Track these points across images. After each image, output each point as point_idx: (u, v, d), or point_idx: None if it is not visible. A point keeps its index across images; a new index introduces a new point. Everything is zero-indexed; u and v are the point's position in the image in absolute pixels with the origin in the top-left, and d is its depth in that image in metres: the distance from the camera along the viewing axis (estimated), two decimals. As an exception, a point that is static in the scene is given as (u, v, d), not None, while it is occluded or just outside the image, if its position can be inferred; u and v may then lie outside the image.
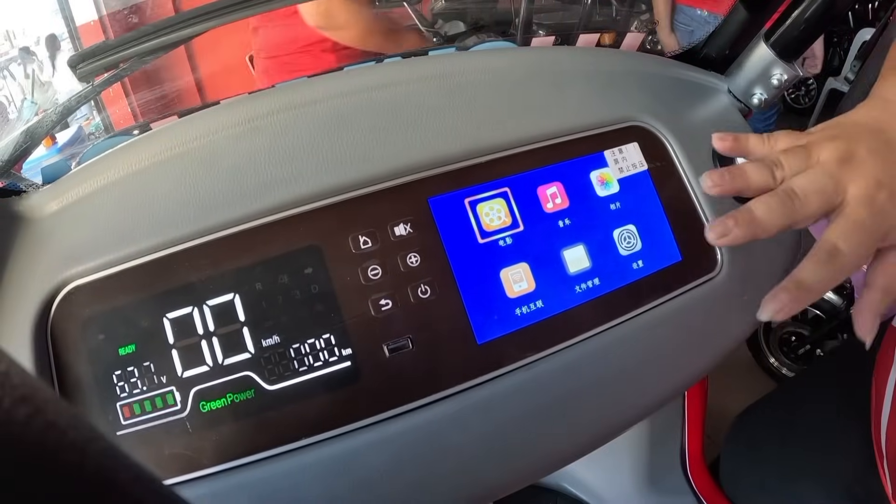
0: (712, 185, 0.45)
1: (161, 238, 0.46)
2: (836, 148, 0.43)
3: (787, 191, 0.42)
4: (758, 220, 0.42)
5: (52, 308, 0.45)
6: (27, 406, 0.15)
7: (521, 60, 0.58)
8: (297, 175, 0.48)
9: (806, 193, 0.42)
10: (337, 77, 0.54)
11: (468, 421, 0.47)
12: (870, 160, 0.42)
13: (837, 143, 0.43)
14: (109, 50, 0.64)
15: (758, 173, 0.44)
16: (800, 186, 0.42)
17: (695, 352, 0.55)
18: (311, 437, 0.45)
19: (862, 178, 0.42)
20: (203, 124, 0.50)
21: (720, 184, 0.45)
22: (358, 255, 0.47)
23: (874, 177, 0.41)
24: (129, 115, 0.87)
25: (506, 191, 0.51)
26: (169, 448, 0.44)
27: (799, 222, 0.42)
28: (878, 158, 0.42)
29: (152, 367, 0.45)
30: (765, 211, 0.42)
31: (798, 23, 0.57)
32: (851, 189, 0.42)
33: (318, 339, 0.46)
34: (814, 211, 0.42)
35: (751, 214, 0.42)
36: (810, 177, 0.42)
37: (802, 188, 0.42)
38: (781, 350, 1.85)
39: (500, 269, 0.50)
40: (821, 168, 0.43)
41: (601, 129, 0.55)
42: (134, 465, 0.19)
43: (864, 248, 0.41)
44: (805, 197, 0.42)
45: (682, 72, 0.63)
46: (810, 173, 0.42)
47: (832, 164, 0.43)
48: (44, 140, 0.62)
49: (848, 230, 0.41)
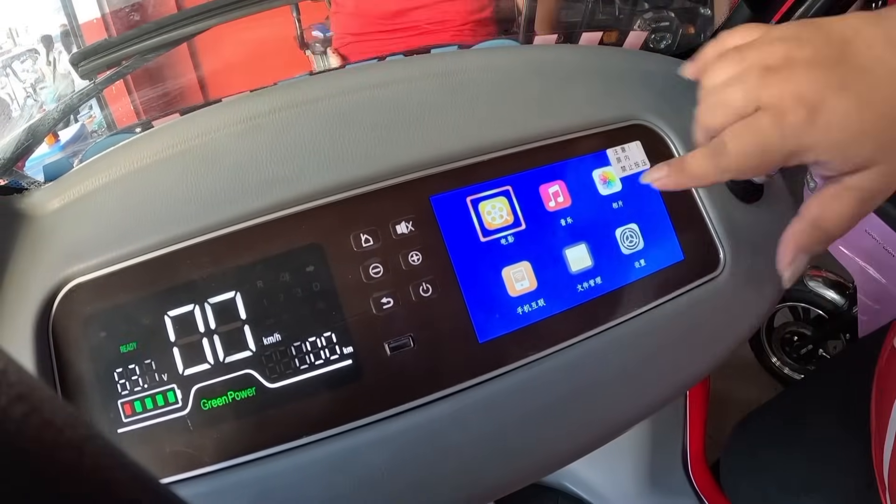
0: (654, 181, 0.44)
1: (162, 236, 0.46)
2: (772, 53, 0.39)
3: (718, 144, 0.40)
4: (689, 170, 0.42)
5: (53, 305, 0.45)
6: (24, 404, 0.15)
7: (524, 58, 0.57)
8: (299, 173, 0.48)
9: (737, 143, 0.39)
10: (339, 74, 0.54)
11: (469, 420, 0.47)
12: (802, 70, 0.38)
13: (777, 46, 0.39)
14: (111, 47, 0.64)
15: (700, 164, 0.42)
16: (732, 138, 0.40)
17: (697, 351, 0.55)
18: (311, 436, 0.45)
19: (781, 88, 0.38)
20: (205, 122, 0.50)
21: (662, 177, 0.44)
22: (359, 253, 0.47)
23: (796, 91, 0.37)
24: (131, 112, 0.87)
25: (508, 189, 0.51)
26: (170, 446, 0.44)
27: (739, 175, 0.41)
28: (815, 71, 0.37)
29: (153, 364, 0.45)
30: (698, 162, 0.41)
31: (802, 21, 0.56)
32: (764, 96, 0.38)
33: (319, 337, 0.46)
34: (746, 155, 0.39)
35: (683, 163, 0.42)
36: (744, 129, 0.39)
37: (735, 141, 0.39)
38: (783, 350, 1.84)
39: (502, 268, 0.50)
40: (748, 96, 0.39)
41: (604, 128, 0.55)
42: (131, 464, 0.19)
43: (754, 158, 0.39)
44: (736, 146, 0.39)
45: (686, 70, 0.63)
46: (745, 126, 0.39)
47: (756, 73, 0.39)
48: (46, 138, 0.62)
49: (741, 133, 0.39)
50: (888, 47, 0.37)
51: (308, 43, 1.93)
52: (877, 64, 0.37)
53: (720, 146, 0.40)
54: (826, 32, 0.39)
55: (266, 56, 1.33)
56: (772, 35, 0.40)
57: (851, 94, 0.36)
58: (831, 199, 0.40)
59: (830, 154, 0.37)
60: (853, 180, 0.39)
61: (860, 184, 0.38)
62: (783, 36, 0.39)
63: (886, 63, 0.37)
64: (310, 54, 1.93)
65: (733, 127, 0.40)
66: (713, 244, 0.55)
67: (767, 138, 0.38)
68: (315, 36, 1.99)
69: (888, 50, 0.37)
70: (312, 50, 1.91)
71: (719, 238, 0.54)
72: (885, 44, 0.37)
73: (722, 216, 0.55)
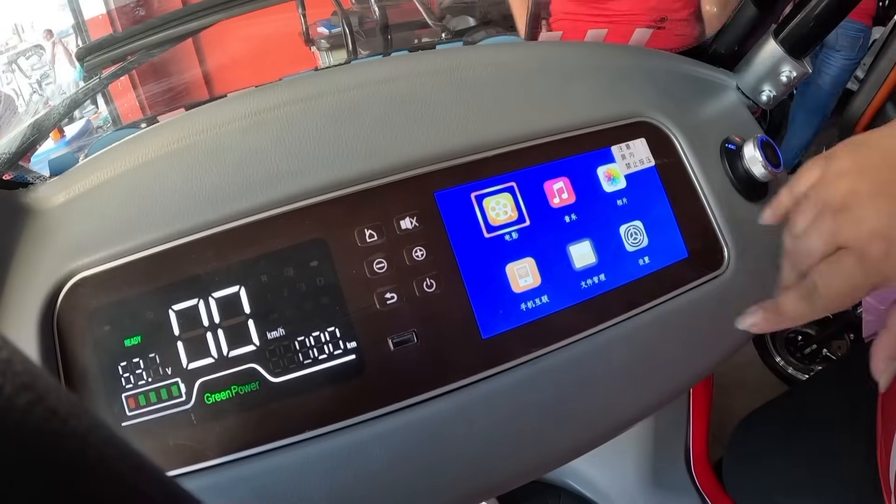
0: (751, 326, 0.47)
1: (167, 230, 0.46)
2: (838, 192, 0.42)
3: (810, 287, 0.43)
4: (786, 313, 0.44)
5: (58, 299, 0.45)
6: (29, 393, 0.15)
7: (529, 55, 0.57)
8: (304, 168, 0.48)
9: (827, 285, 0.42)
10: (344, 70, 0.54)
11: (472, 416, 0.47)
12: (868, 205, 0.40)
13: (841, 183, 0.42)
14: (117, 43, 0.65)
15: (795, 307, 0.44)
16: (822, 280, 0.42)
17: (700, 349, 0.54)
18: (314, 430, 0.45)
19: (856, 228, 0.40)
20: (210, 117, 0.50)
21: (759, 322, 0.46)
22: (364, 248, 0.47)
23: (871, 228, 0.40)
24: (136, 108, 0.87)
25: (512, 185, 0.51)
26: (173, 439, 0.44)
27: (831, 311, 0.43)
28: (880, 202, 0.40)
29: (157, 358, 0.45)
30: (794, 305, 0.44)
31: (808, 20, 0.56)
32: (841, 239, 0.41)
33: (322, 331, 0.46)
34: (837, 295, 0.42)
35: (779, 307, 0.45)
36: (831, 272, 0.42)
37: (824, 283, 0.42)
38: (787, 349, 1.84)
39: (506, 264, 0.50)
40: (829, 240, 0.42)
41: (609, 125, 0.55)
42: (135, 454, 0.19)
43: (845, 296, 0.41)
44: (826, 289, 0.42)
45: (691, 68, 0.63)
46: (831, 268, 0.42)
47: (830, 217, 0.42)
48: (52, 133, 0.63)
49: (831, 276, 0.41)
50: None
51: (313, 39, 1.93)
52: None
53: (812, 289, 0.42)
54: (880, 154, 0.41)
55: (271, 52, 1.33)
56: (832, 171, 0.43)
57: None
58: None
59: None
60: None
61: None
62: (842, 171, 0.42)
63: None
64: (315, 50, 1.93)
65: (819, 268, 0.42)
66: (717, 242, 0.55)
67: (853, 278, 0.40)
68: (321, 32, 1.99)
69: None
70: (318, 46, 1.91)
71: (723, 236, 0.54)
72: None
73: (726, 214, 0.55)
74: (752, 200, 0.56)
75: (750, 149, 0.54)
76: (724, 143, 0.57)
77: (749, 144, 0.55)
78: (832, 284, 0.41)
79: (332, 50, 1.89)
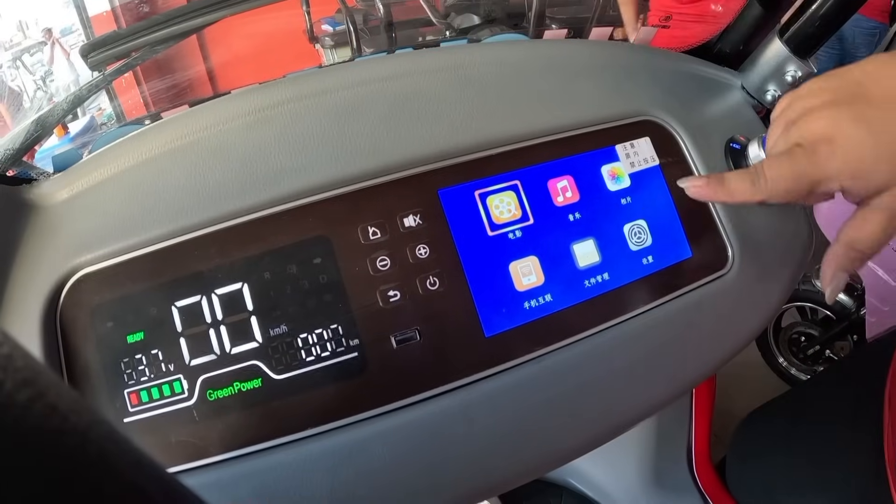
0: (691, 187, 0.50)
1: (170, 227, 0.46)
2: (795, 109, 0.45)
3: (756, 169, 0.45)
4: (727, 185, 0.47)
5: (61, 295, 0.45)
6: (29, 389, 0.15)
7: (534, 53, 0.57)
8: (307, 165, 0.48)
9: (772, 169, 0.45)
10: (348, 67, 0.54)
11: (474, 414, 0.47)
12: (820, 112, 0.43)
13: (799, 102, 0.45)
14: (121, 39, 0.64)
15: (738, 182, 0.47)
16: (769, 164, 0.45)
17: (703, 349, 0.54)
18: (317, 428, 0.45)
19: (806, 129, 0.43)
20: (213, 114, 0.50)
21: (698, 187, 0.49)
22: (367, 245, 0.47)
23: (818, 129, 0.43)
24: (140, 104, 0.87)
25: (516, 184, 0.51)
26: (175, 436, 0.44)
27: (772, 198, 0.45)
28: (831, 110, 0.43)
29: (160, 354, 0.45)
30: (737, 180, 0.46)
31: (813, 19, 0.56)
32: (793, 138, 0.44)
33: (325, 329, 0.46)
34: (780, 179, 0.44)
35: (722, 178, 0.48)
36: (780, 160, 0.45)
37: (770, 167, 0.45)
38: (791, 350, 1.84)
39: (510, 263, 0.50)
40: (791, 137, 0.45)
41: (613, 124, 0.55)
42: (135, 451, 0.19)
43: (785, 182, 0.44)
44: (771, 172, 0.45)
45: (696, 67, 0.63)
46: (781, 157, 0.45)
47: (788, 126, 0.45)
48: (56, 130, 0.63)
49: (779, 162, 0.44)
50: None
51: (318, 37, 1.93)
52: (885, 98, 0.41)
53: (758, 170, 0.45)
54: (840, 77, 0.44)
55: (275, 49, 1.33)
56: (797, 94, 0.46)
57: (863, 123, 0.41)
58: (862, 222, 0.44)
59: (852, 181, 0.42)
60: (878, 202, 0.43)
61: (884, 204, 0.42)
62: (803, 94, 0.46)
63: (893, 96, 0.41)
64: (319, 48, 1.93)
65: (769, 158, 0.46)
66: (722, 242, 0.54)
67: (799, 166, 0.43)
68: (325, 29, 1.98)
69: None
70: (322, 44, 1.91)
71: (728, 236, 0.54)
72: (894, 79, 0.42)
73: (731, 214, 0.55)
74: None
75: (755, 148, 0.54)
76: (728, 142, 0.57)
77: (754, 144, 0.54)
78: (777, 169, 0.44)
79: (337, 47, 1.89)
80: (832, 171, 0.42)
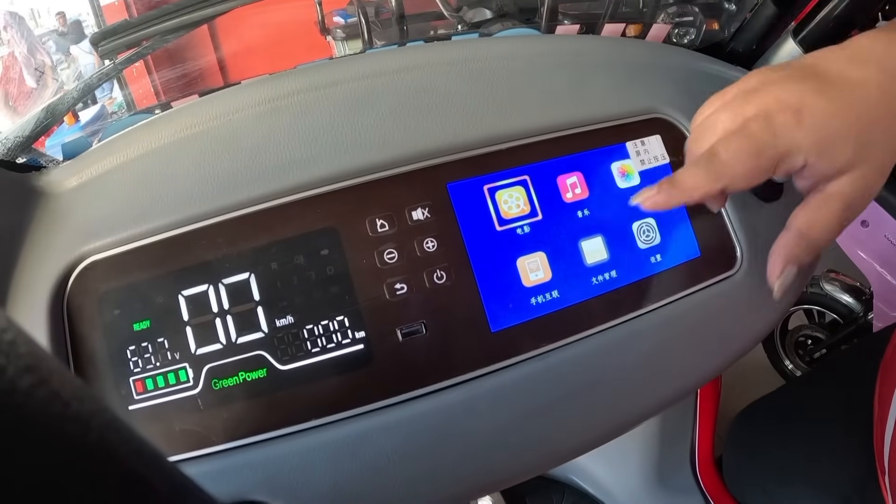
0: (644, 199, 0.44)
1: (178, 215, 0.46)
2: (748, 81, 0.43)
3: (708, 155, 0.41)
4: (681, 184, 0.42)
5: (68, 282, 0.46)
6: (31, 376, 0.15)
7: (545, 48, 0.57)
8: (316, 156, 0.48)
9: (728, 148, 0.40)
10: (358, 59, 0.53)
11: (479, 409, 0.47)
12: (778, 84, 0.41)
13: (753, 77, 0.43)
14: (131, 28, 0.65)
15: (691, 176, 0.42)
16: (723, 145, 0.41)
17: (709, 349, 0.54)
18: (321, 419, 0.45)
19: (762, 100, 0.40)
20: (223, 104, 0.50)
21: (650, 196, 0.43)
22: (374, 238, 0.47)
23: (778, 97, 0.40)
24: (151, 93, 0.87)
25: (525, 179, 0.51)
26: (180, 424, 0.44)
27: (733, 183, 0.41)
28: (790, 83, 0.40)
29: (166, 343, 0.45)
30: (690, 173, 0.41)
31: (827, 20, 0.56)
32: (749, 110, 0.41)
33: (331, 320, 0.46)
34: (738, 155, 0.40)
35: (673, 178, 0.42)
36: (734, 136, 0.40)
37: (725, 147, 0.40)
38: (797, 353, 1.83)
39: (517, 258, 0.49)
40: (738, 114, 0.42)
41: (624, 120, 0.54)
42: (137, 439, 0.19)
43: (746, 160, 0.40)
44: (727, 152, 0.40)
45: (708, 65, 0.62)
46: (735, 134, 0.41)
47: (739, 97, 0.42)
48: (66, 118, 0.63)
49: (732, 140, 0.40)
50: (850, 64, 0.40)
51: (329, 28, 1.92)
52: (841, 78, 0.40)
53: (711, 156, 0.40)
54: (793, 62, 0.43)
55: (286, 41, 1.33)
56: (747, 76, 0.43)
57: (827, 97, 0.39)
58: (816, 208, 0.41)
59: (817, 154, 0.39)
60: (835, 186, 0.40)
61: (842, 189, 0.40)
62: (753, 74, 0.43)
63: (850, 77, 0.40)
64: (330, 40, 1.92)
65: (722, 138, 0.41)
66: (730, 242, 0.54)
67: (759, 140, 0.39)
68: (336, 21, 1.98)
69: (850, 66, 0.40)
70: (333, 36, 1.91)
71: (737, 236, 0.54)
72: (847, 62, 0.41)
73: (740, 214, 0.54)
74: (767, 201, 0.55)
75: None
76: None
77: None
78: (734, 146, 0.40)
79: (348, 39, 1.88)
80: (799, 141, 0.39)
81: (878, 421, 0.65)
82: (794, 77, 0.41)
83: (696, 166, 0.41)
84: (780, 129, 0.39)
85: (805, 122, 0.39)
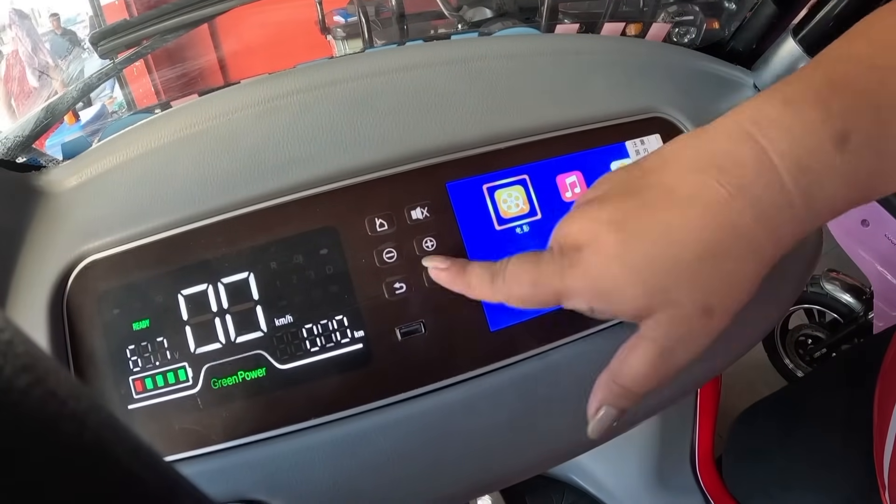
0: (432, 268, 0.44)
1: (178, 215, 0.46)
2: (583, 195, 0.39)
3: (500, 266, 0.39)
4: (467, 278, 0.41)
5: (68, 282, 0.46)
6: (28, 375, 0.15)
7: (544, 47, 0.57)
8: (316, 156, 0.48)
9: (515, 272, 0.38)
10: (358, 58, 0.53)
11: (478, 408, 0.47)
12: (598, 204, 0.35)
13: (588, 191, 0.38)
14: (131, 27, 0.64)
15: (478, 278, 0.40)
16: (511, 266, 0.38)
17: (710, 348, 0.54)
18: (320, 418, 0.45)
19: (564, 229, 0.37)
20: (223, 103, 0.50)
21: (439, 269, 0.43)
22: (374, 237, 0.47)
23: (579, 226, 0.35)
24: (151, 93, 0.87)
25: (525, 178, 0.51)
26: (179, 423, 0.44)
27: (510, 302, 0.38)
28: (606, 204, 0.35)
29: (165, 342, 0.45)
30: (477, 275, 0.40)
31: (827, 19, 0.55)
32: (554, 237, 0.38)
33: (331, 320, 0.46)
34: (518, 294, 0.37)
35: (465, 268, 0.41)
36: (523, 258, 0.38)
37: (513, 269, 0.38)
38: (797, 352, 1.83)
39: (516, 257, 0.49)
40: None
41: (623, 119, 0.54)
42: (133, 439, 0.19)
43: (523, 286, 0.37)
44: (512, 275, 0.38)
45: (708, 64, 0.62)
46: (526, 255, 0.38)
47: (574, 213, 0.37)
48: (66, 118, 0.63)
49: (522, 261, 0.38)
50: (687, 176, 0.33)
51: (329, 28, 1.93)
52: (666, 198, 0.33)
53: (501, 268, 0.39)
54: (636, 166, 0.36)
55: (286, 40, 1.33)
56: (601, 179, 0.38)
57: (626, 232, 0.33)
58: (629, 351, 0.36)
59: (598, 300, 0.35)
60: (645, 329, 0.35)
61: (650, 334, 0.35)
62: (605, 178, 0.38)
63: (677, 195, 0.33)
64: (331, 39, 1.93)
65: (518, 256, 0.38)
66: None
67: (541, 273, 0.36)
68: (337, 21, 1.98)
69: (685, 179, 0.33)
70: (333, 35, 1.91)
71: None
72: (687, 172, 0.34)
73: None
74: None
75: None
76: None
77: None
78: (519, 269, 0.37)
79: (348, 39, 1.88)
80: (574, 286, 0.35)
81: (877, 433, 0.65)
82: (615, 196, 0.35)
83: (485, 272, 0.40)
84: (565, 266, 0.35)
85: (583, 264, 0.34)
